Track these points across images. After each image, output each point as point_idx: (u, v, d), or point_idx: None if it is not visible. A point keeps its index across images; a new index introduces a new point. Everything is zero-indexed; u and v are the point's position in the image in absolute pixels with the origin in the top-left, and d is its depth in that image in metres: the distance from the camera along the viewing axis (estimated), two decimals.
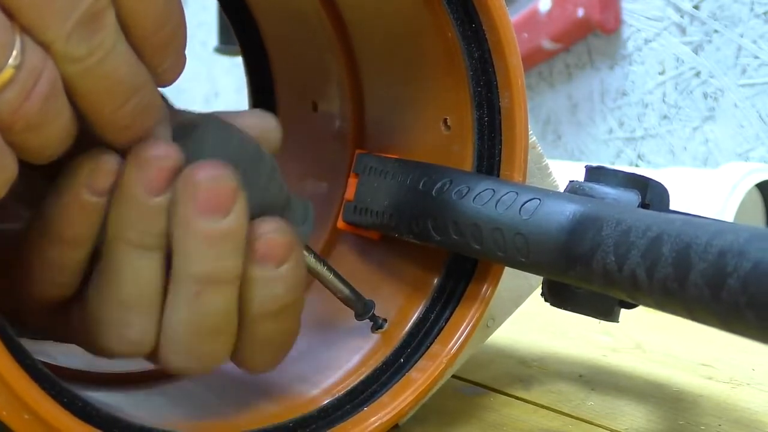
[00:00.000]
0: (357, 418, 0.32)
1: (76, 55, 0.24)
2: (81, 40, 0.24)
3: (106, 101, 0.26)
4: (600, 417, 0.38)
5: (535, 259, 0.29)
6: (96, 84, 0.25)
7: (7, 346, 0.25)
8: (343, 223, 0.38)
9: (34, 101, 0.24)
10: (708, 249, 0.22)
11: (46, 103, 0.24)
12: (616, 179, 0.31)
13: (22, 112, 0.24)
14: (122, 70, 0.25)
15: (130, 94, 0.26)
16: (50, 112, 0.24)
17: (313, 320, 0.37)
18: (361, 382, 0.34)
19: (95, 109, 0.26)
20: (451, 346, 0.34)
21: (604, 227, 0.26)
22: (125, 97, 0.26)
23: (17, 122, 0.24)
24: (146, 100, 0.27)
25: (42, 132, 0.25)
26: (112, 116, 0.26)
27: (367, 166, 0.37)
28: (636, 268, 0.24)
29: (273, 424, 0.31)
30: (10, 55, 0.23)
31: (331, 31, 0.40)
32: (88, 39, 0.24)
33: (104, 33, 0.25)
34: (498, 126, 0.34)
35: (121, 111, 0.26)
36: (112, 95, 0.26)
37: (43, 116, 0.24)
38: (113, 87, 0.26)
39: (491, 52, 0.33)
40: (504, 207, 0.30)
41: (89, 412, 0.27)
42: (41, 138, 0.25)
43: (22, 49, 0.23)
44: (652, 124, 0.82)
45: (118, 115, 0.26)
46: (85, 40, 0.24)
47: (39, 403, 0.25)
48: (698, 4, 0.77)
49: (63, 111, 0.25)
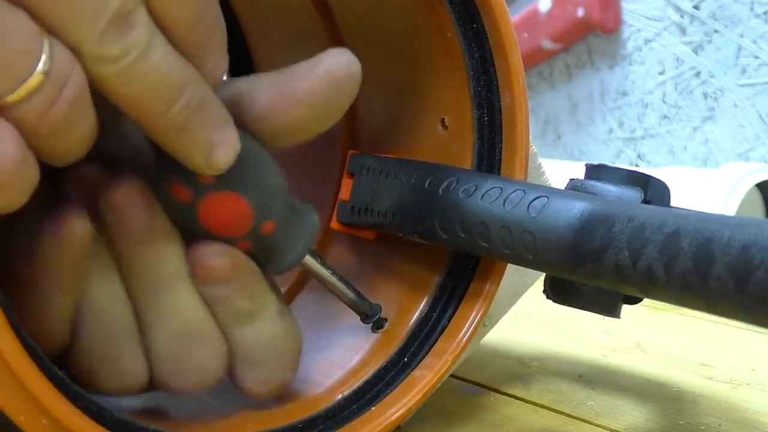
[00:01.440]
0: (365, 418, 0.32)
1: (110, 56, 0.23)
2: (114, 40, 0.23)
3: (154, 101, 0.25)
4: (600, 417, 0.38)
5: (543, 256, 0.29)
6: (138, 84, 0.24)
7: (27, 350, 0.25)
8: (337, 223, 0.37)
9: (60, 107, 0.23)
10: (731, 243, 0.22)
11: (72, 109, 0.23)
12: (618, 177, 0.31)
13: (47, 118, 0.23)
14: (163, 66, 0.24)
15: (178, 91, 0.25)
16: (76, 118, 0.24)
17: (312, 320, 0.37)
18: (366, 382, 0.33)
19: (144, 111, 0.25)
20: (456, 343, 0.34)
21: (615, 224, 0.26)
22: (174, 94, 0.25)
23: (42, 128, 0.23)
24: (198, 96, 0.26)
25: (66, 137, 0.24)
26: (164, 117, 0.25)
27: (363, 167, 0.36)
28: (653, 264, 0.25)
29: (281, 426, 0.31)
30: (39, 61, 0.23)
31: (321, 27, 0.39)
32: (122, 38, 0.23)
33: (138, 30, 0.24)
34: (498, 126, 0.34)
35: (173, 110, 0.25)
36: (158, 94, 0.25)
37: (68, 122, 0.24)
38: (158, 85, 0.24)
39: (492, 52, 0.33)
40: (512, 205, 0.30)
41: (104, 416, 0.27)
42: (65, 142, 0.24)
43: (50, 54, 0.23)
44: (652, 124, 0.82)
45: (170, 115, 0.25)
46: (119, 39, 0.23)
47: (57, 408, 0.25)
48: (698, 4, 0.77)
49: (88, 116, 0.24)
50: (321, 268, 0.33)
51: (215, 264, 0.29)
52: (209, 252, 0.29)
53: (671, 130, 0.80)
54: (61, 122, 0.23)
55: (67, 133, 0.24)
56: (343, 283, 0.34)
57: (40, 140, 0.23)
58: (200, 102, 0.26)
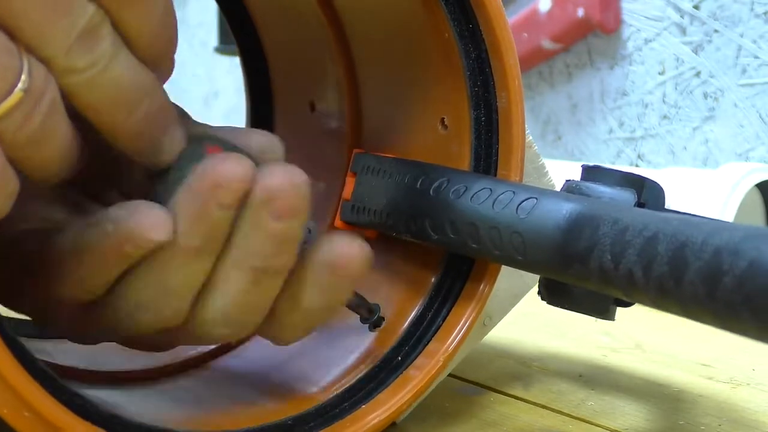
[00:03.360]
0: (355, 416, 0.32)
1: (78, 67, 0.25)
2: (83, 53, 0.25)
3: (117, 109, 0.26)
4: (599, 416, 0.38)
5: (531, 257, 0.29)
6: (103, 93, 0.26)
7: (7, 344, 0.25)
8: (341, 222, 0.38)
9: (35, 119, 0.24)
10: (704, 248, 0.22)
11: (46, 120, 0.25)
12: (613, 178, 0.31)
13: (23, 131, 0.24)
14: (126, 76, 0.26)
15: (139, 99, 0.26)
16: (49, 128, 0.25)
17: None
18: (359, 380, 0.34)
19: (107, 119, 0.26)
20: (448, 344, 0.34)
21: (600, 226, 0.26)
22: (135, 103, 0.26)
23: (19, 139, 0.24)
24: (156, 104, 0.27)
25: (42, 148, 0.25)
26: (125, 124, 0.27)
27: (364, 166, 0.37)
28: (632, 267, 0.25)
29: (272, 422, 0.31)
30: (19, 80, 0.24)
31: (328, 31, 0.40)
32: (90, 51, 0.25)
33: (104, 43, 0.25)
34: (495, 126, 0.34)
35: (133, 117, 0.26)
36: (121, 102, 0.26)
37: (42, 132, 0.25)
38: (121, 94, 0.26)
39: (488, 52, 0.33)
40: (501, 206, 0.30)
41: (88, 410, 0.27)
42: (42, 154, 0.25)
43: (29, 72, 0.24)
44: (652, 124, 0.82)
45: (131, 121, 0.27)
46: (87, 52, 0.25)
47: (39, 401, 0.26)
48: (698, 4, 0.77)
49: (61, 127, 0.25)
50: None
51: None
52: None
53: (671, 130, 0.80)
54: (37, 133, 0.24)
55: (43, 145, 0.25)
56: None
57: (18, 151, 0.24)
58: (158, 109, 0.27)
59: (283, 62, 0.46)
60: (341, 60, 0.40)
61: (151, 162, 0.28)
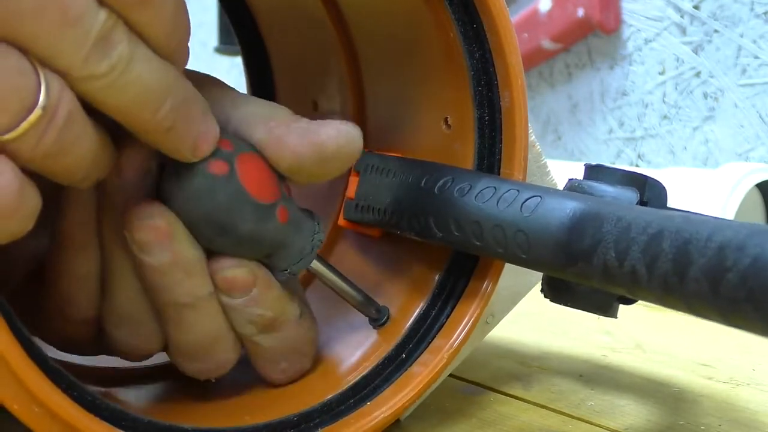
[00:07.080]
0: (360, 413, 0.32)
1: (98, 73, 0.25)
2: (101, 58, 0.24)
3: (143, 108, 0.26)
4: (600, 416, 0.38)
5: (535, 255, 0.29)
6: (127, 94, 0.25)
7: (19, 340, 0.25)
8: (344, 220, 0.38)
9: (51, 134, 0.24)
10: (708, 244, 0.22)
11: (62, 133, 0.25)
12: (615, 177, 0.31)
13: (41, 146, 0.24)
14: (147, 74, 0.26)
15: (163, 95, 0.26)
16: (67, 140, 0.25)
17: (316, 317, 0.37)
18: (363, 377, 0.34)
19: (135, 119, 0.26)
20: (452, 341, 0.34)
21: (604, 224, 0.26)
22: (160, 99, 0.26)
23: (37, 154, 0.24)
24: (180, 96, 0.27)
25: (62, 159, 0.25)
26: (153, 121, 0.26)
27: (368, 165, 0.37)
28: (636, 264, 0.25)
29: (277, 419, 0.31)
30: (38, 99, 0.24)
31: (332, 30, 0.40)
32: (107, 55, 0.24)
33: (121, 46, 0.25)
34: (498, 125, 0.34)
35: (160, 113, 0.26)
36: (146, 101, 0.26)
37: (60, 145, 0.25)
38: (145, 92, 0.26)
39: (492, 52, 0.33)
40: (505, 204, 0.30)
41: (98, 406, 0.27)
42: (63, 164, 0.25)
43: (47, 88, 0.24)
44: (652, 124, 0.82)
45: (158, 118, 0.26)
46: (105, 57, 0.24)
47: (50, 397, 0.26)
48: (698, 4, 0.77)
49: (82, 136, 0.25)
50: (329, 272, 0.34)
51: (235, 274, 0.30)
52: (228, 263, 0.30)
53: (671, 130, 0.80)
54: (54, 147, 0.24)
55: (62, 156, 0.25)
56: (349, 286, 0.35)
57: (37, 165, 0.25)
58: (183, 101, 0.27)
59: (286, 61, 0.46)
60: (345, 59, 0.41)
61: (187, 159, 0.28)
